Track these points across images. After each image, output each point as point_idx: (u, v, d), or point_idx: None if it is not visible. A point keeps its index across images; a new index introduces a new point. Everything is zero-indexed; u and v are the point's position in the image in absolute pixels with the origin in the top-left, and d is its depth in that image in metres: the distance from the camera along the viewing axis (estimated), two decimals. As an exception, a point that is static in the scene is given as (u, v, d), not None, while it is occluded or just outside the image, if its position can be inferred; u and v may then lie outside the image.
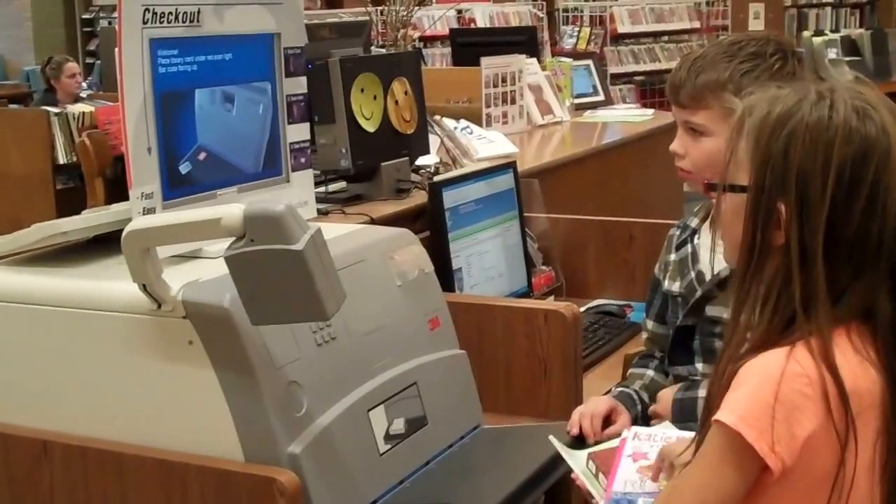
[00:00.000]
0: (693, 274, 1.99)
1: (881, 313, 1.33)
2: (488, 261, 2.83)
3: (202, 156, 1.98)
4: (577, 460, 1.76)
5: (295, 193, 2.14)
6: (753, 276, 1.37)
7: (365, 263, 1.94)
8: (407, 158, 3.18)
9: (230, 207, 1.59)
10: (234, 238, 1.59)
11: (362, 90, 3.02)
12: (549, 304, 2.52)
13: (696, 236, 2.03)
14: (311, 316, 1.61)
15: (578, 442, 1.94)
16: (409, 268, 2.01)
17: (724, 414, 1.32)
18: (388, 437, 1.82)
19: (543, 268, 3.15)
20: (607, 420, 1.99)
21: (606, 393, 2.16)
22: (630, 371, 2.16)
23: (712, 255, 1.93)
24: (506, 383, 2.36)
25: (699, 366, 1.96)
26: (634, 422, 2.01)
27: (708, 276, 1.97)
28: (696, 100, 1.90)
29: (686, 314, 1.97)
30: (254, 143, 2.10)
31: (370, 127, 3.03)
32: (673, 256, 2.07)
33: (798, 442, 1.30)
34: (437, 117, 3.64)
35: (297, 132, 2.18)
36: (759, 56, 1.87)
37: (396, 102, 3.17)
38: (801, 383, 1.30)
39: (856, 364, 1.32)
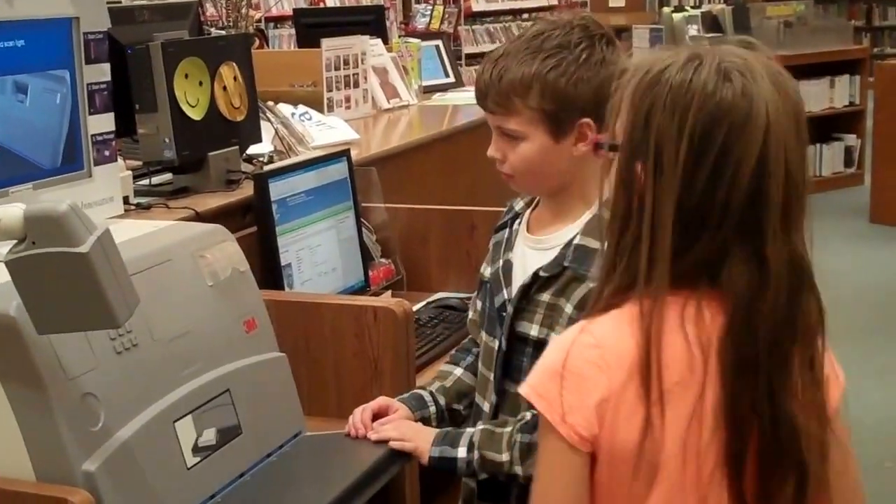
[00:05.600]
0: (502, 261, 1.93)
1: (729, 280, 1.27)
2: (321, 255, 2.72)
3: (-9, 150, 1.83)
4: None
5: (98, 189, 2.00)
6: (619, 239, 1.33)
7: (172, 263, 1.82)
8: (237, 147, 3.05)
9: (9, 207, 1.46)
10: (15, 241, 1.46)
11: (186, 76, 2.87)
12: (379, 300, 2.43)
13: (518, 221, 1.96)
14: (100, 323, 1.49)
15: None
16: (222, 267, 1.89)
17: (523, 385, 1.34)
18: (198, 450, 1.71)
19: (383, 260, 3.05)
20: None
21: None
22: (441, 367, 2.09)
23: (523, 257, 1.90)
24: (336, 385, 2.26)
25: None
26: (426, 423, 1.95)
27: (517, 273, 1.90)
28: (503, 105, 1.80)
29: (498, 329, 1.90)
30: (51, 136, 1.96)
31: (196, 115, 2.89)
32: (493, 240, 2.00)
33: (591, 411, 1.29)
34: (271, 103, 3.51)
35: (101, 123, 2.04)
36: (564, 48, 1.77)
37: (224, 88, 3.03)
38: (590, 354, 1.30)
39: (678, 337, 1.28)
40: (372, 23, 5.75)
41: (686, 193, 1.27)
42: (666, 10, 7.70)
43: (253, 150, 3.23)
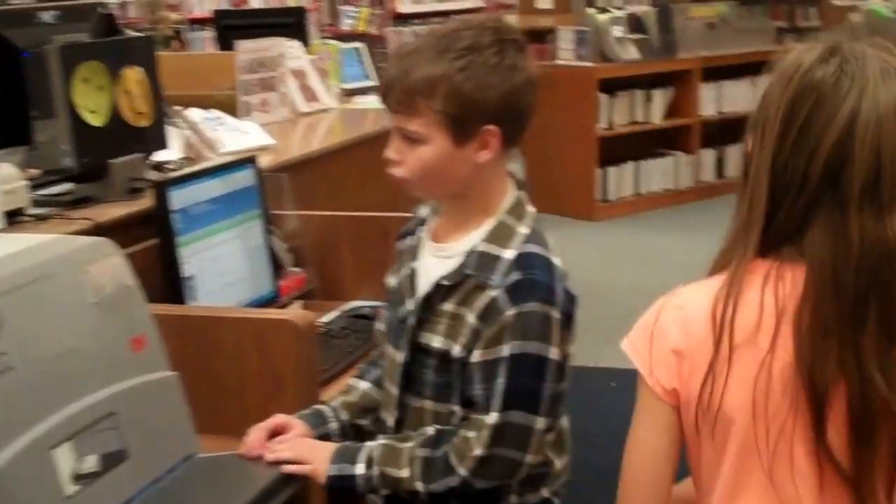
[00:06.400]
0: (407, 270, 1.86)
1: (810, 248, 1.35)
2: (226, 266, 2.63)
3: None
4: None
5: (-25, 202, 1.90)
6: (736, 211, 1.44)
7: (53, 279, 1.72)
8: (142, 155, 2.95)
9: None
10: None
11: (86, 80, 2.77)
12: (281, 313, 2.35)
13: (423, 228, 1.90)
14: (-41, 349, 1.40)
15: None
16: (107, 282, 1.80)
17: (623, 341, 1.46)
18: (78, 478, 1.61)
19: (294, 269, 2.97)
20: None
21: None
22: (347, 381, 2.02)
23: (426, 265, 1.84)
24: (237, 403, 2.18)
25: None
26: (326, 440, 1.90)
27: (422, 282, 1.84)
28: (406, 105, 1.72)
29: (402, 340, 1.85)
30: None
31: (96, 121, 2.79)
32: (399, 246, 1.94)
33: (671, 365, 1.40)
34: (179, 108, 3.41)
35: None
36: (474, 50, 1.70)
37: (128, 93, 2.93)
38: (675, 314, 1.42)
39: (754, 301, 1.37)
40: (293, 25, 5.66)
41: (776, 160, 1.36)
42: (590, 10, 7.64)
43: (160, 157, 3.13)
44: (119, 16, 7.15)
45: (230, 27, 5.80)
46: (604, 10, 7.58)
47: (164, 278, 2.48)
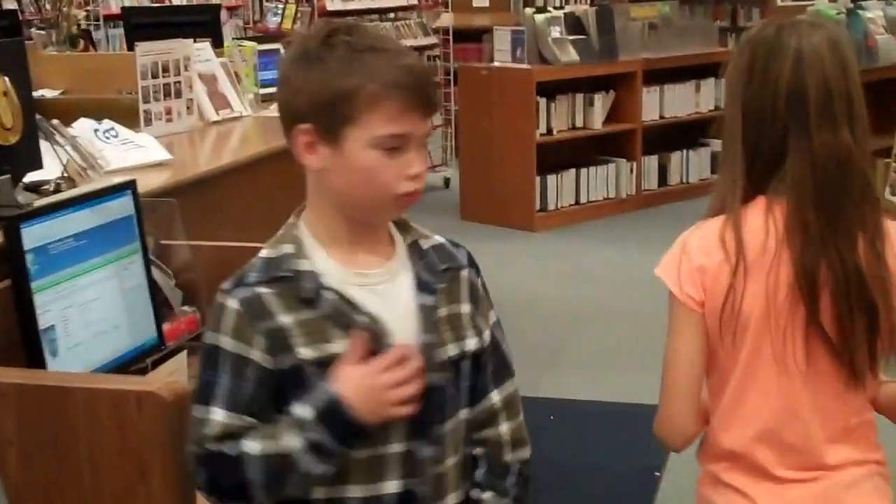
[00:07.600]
0: (364, 321, 1.55)
1: (790, 172, 1.67)
2: (96, 312, 2.24)
3: None
4: None
5: None
6: (721, 162, 1.78)
7: None
8: (8, 177, 2.57)
9: None
10: None
11: (-62, 92, 2.38)
12: (142, 382, 1.95)
13: (324, 280, 1.56)
14: None
15: None
16: None
17: (657, 268, 1.76)
18: None
19: (185, 309, 2.59)
20: None
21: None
22: None
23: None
24: (93, 491, 1.81)
25: None
26: None
27: (395, 314, 1.59)
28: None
29: None
30: None
31: (-49, 139, 2.41)
32: (287, 319, 1.53)
33: (697, 279, 1.71)
34: (56, 122, 3.02)
35: None
36: None
37: (-9, 106, 2.54)
38: (698, 241, 1.73)
39: (759, 229, 1.68)
40: (208, 23, 5.28)
41: (746, 105, 1.70)
42: (528, 10, 7.28)
43: (33, 178, 2.75)
44: (29, 12, 6.71)
45: (140, 26, 5.40)
46: (542, 10, 7.24)
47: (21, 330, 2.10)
